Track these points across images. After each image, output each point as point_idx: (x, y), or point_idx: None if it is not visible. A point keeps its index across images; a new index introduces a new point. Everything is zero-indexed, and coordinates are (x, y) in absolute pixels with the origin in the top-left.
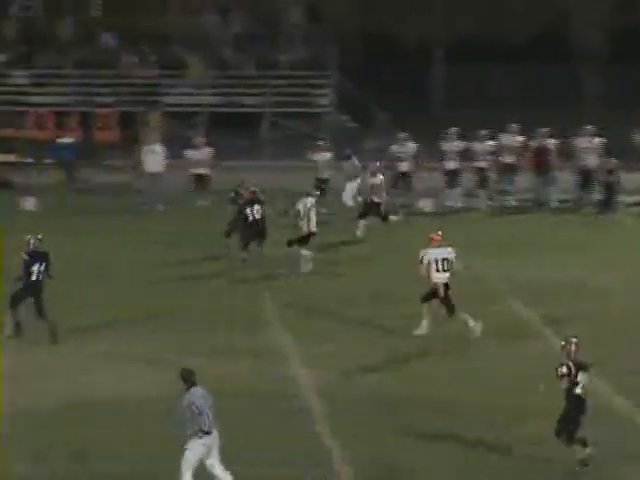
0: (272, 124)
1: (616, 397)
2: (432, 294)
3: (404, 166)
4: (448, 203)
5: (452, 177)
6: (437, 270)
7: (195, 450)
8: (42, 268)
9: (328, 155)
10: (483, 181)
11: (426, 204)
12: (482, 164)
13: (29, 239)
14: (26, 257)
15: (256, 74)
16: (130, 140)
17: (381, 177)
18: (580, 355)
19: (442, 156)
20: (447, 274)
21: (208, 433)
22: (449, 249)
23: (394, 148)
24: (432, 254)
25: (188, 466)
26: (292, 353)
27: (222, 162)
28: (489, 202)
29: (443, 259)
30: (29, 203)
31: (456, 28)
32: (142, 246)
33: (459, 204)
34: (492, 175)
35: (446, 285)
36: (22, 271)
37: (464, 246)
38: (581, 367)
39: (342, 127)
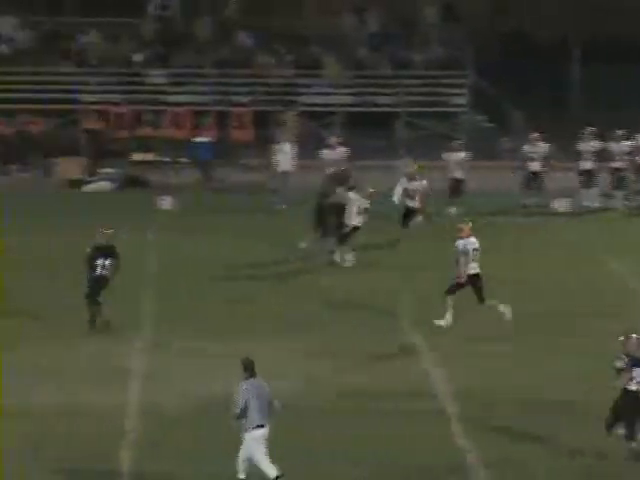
0: (407, 124)
1: None
2: (458, 286)
3: (535, 166)
4: (585, 203)
5: (588, 177)
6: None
7: (248, 447)
8: (106, 262)
9: (462, 155)
10: (620, 181)
11: (561, 204)
12: (618, 164)
13: (100, 232)
14: (91, 251)
15: (391, 74)
16: (265, 139)
17: (423, 182)
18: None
19: (578, 156)
20: (477, 264)
21: (260, 427)
22: (475, 239)
23: (526, 148)
24: (467, 245)
25: (262, 463)
26: (424, 352)
27: (357, 162)
28: (626, 202)
29: (474, 249)
30: (165, 202)
31: (594, 27)
32: (271, 245)
33: (596, 204)
34: (629, 175)
35: (477, 275)
36: (87, 264)
37: (601, 246)
38: (637, 362)
39: (477, 127)
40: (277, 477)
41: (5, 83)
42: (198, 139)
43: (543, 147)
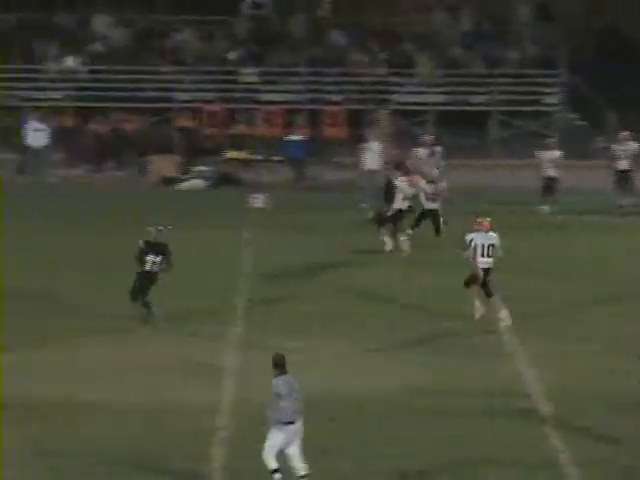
0: (500, 122)
1: None
2: (473, 279)
3: (623, 165)
4: None
5: None
6: (482, 255)
7: (273, 440)
8: (157, 259)
9: (556, 154)
10: None
11: None
12: None
13: (150, 230)
14: (142, 246)
15: (484, 72)
16: (358, 138)
17: (443, 184)
18: None
19: None
20: (490, 260)
21: (290, 423)
22: (494, 235)
23: (615, 147)
24: (478, 239)
25: (269, 456)
26: (518, 352)
27: (450, 161)
28: None
29: (489, 245)
30: (258, 200)
31: None
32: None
33: None
34: None
35: (488, 270)
36: (137, 259)
37: None
38: None
39: (571, 126)
40: (275, 470)
41: (100, 81)
42: (291, 137)
43: (633, 146)
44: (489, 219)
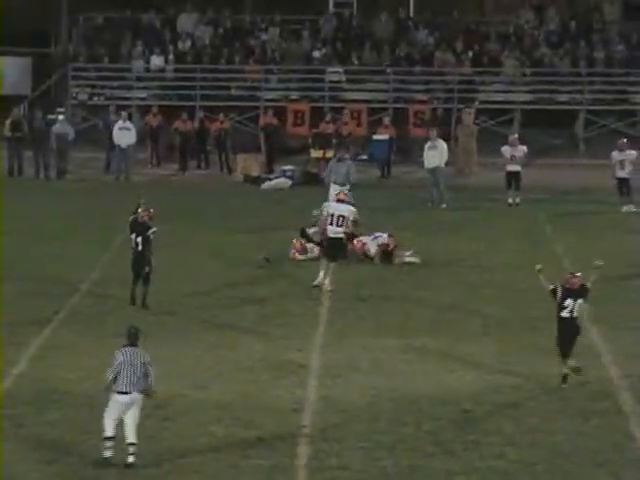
0: (587, 122)
1: None
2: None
3: None
4: None
5: None
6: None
7: (109, 408)
8: (138, 240)
9: (632, 153)
10: None
11: None
12: None
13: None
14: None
15: (571, 71)
16: (444, 137)
17: None
18: None
19: None
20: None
21: (124, 393)
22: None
23: None
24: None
25: (105, 422)
26: (603, 350)
27: (537, 160)
28: None
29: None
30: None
31: None
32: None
33: None
34: None
35: None
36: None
37: None
38: None
39: None
40: (108, 438)
41: (186, 80)
42: (376, 137)
43: None
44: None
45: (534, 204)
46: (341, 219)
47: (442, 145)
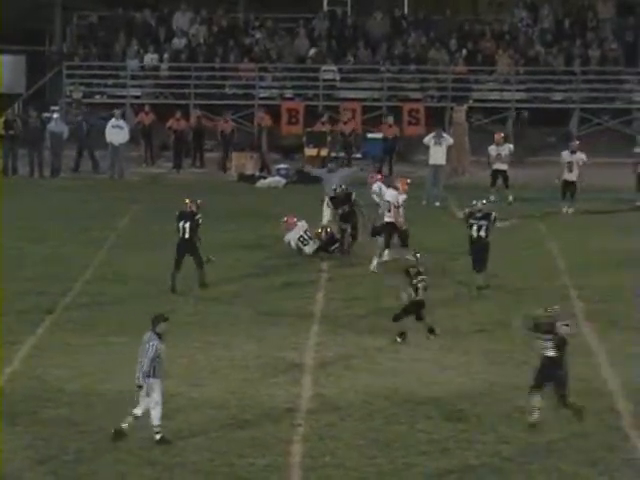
0: (582, 120)
1: None
2: None
3: None
4: None
5: None
6: None
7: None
8: (186, 226)
9: (584, 157)
10: None
11: None
12: None
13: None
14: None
15: (565, 70)
16: None
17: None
18: None
19: None
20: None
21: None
22: None
23: None
24: None
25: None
26: (598, 349)
27: (531, 158)
28: None
29: None
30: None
31: None
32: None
33: None
34: None
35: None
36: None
37: None
38: None
39: None
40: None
41: (180, 78)
42: (371, 135)
43: None
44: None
45: (527, 202)
46: (389, 204)
47: (447, 139)
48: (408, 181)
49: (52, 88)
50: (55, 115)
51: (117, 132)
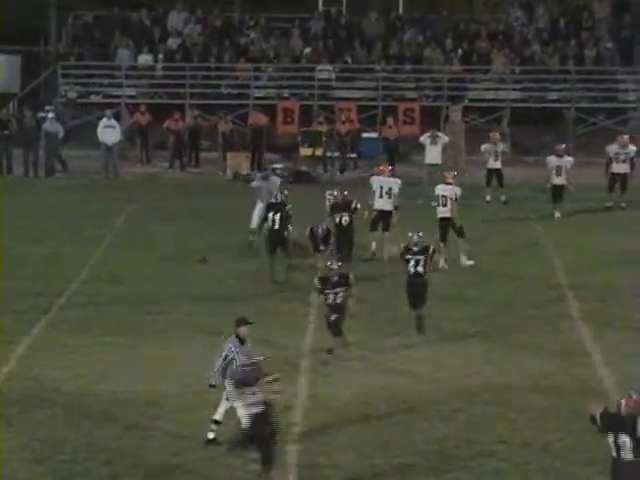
0: (577, 119)
1: None
2: None
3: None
4: None
5: None
6: None
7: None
8: (276, 217)
9: (571, 160)
10: None
11: None
12: None
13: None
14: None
15: (561, 69)
16: None
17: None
18: None
19: None
20: None
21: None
22: None
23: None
24: None
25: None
26: (593, 349)
27: (526, 158)
28: None
29: None
30: (331, 198)
31: None
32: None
33: None
34: None
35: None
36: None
37: None
38: None
39: None
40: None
41: (175, 78)
42: (366, 134)
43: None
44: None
45: (523, 202)
46: (444, 199)
47: (443, 138)
48: (454, 174)
49: (47, 88)
50: (50, 115)
51: (110, 132)
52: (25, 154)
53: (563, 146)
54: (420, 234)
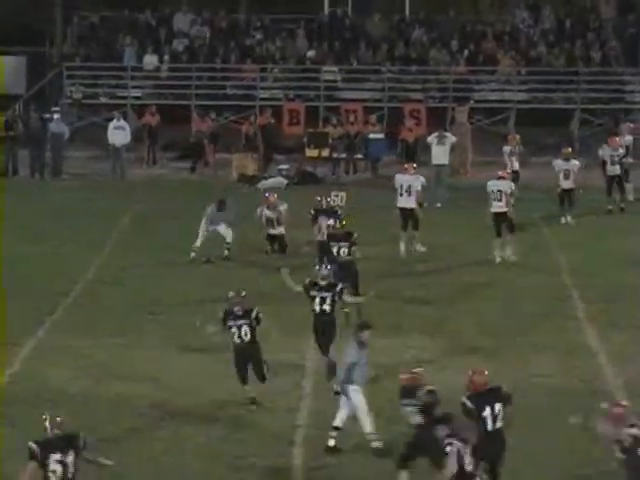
0: (583, 121)
1: None
2: None
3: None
4: None
5: None
6: None
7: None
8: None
9: (578, 164)
10: None
11: None
12: None
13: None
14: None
15: (567, 70)
16: None
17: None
18: None
19: None
20: None
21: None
22: None
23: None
24: None
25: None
26: (599, 350)
27: (532, 159)
28: None
29: None
30: (337, 199)
31: None
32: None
33: None
34: None
35: None
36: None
37: None
38: None
39: None
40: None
41: (181, 79)
42: (371, 135)
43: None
44: None
45: (530, 203)
46: (499, 194)
47: (451, 138)
48: (509, 170)
49: (52, 89)
50: (56, 116)
51: (119, 133)
52: (31, 155)
53: (569, 149)
54: (329, 267)
